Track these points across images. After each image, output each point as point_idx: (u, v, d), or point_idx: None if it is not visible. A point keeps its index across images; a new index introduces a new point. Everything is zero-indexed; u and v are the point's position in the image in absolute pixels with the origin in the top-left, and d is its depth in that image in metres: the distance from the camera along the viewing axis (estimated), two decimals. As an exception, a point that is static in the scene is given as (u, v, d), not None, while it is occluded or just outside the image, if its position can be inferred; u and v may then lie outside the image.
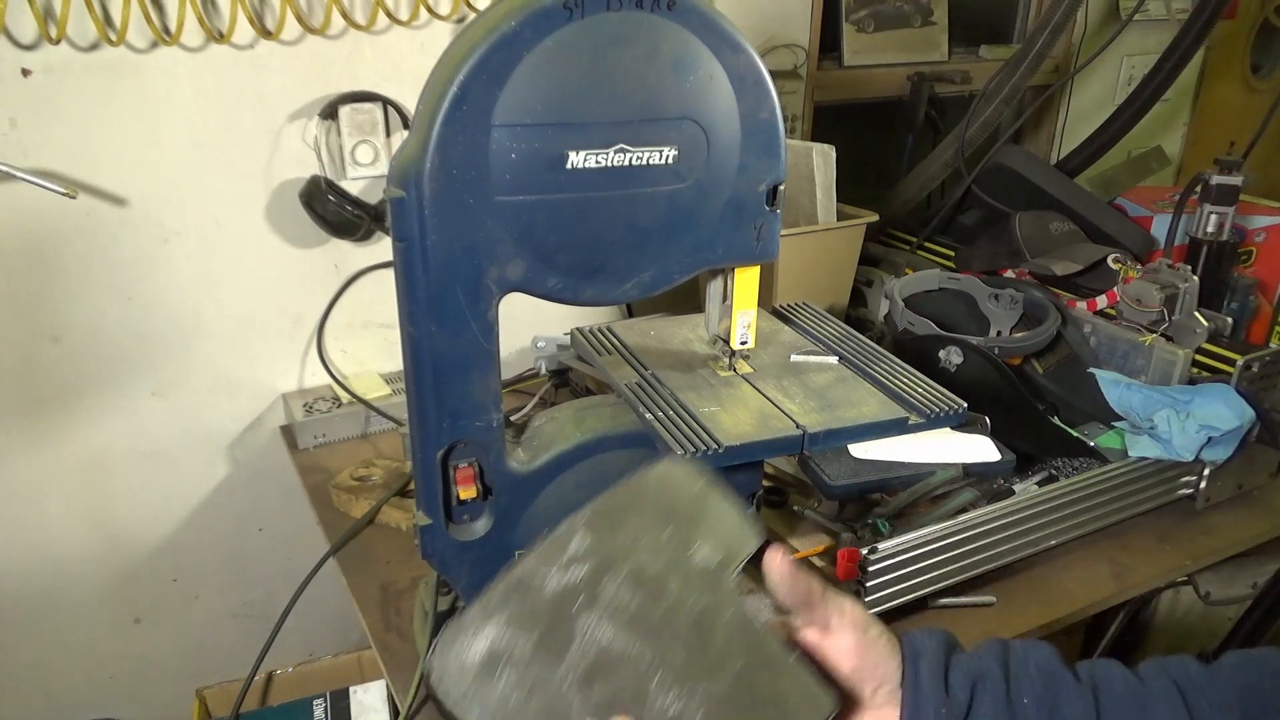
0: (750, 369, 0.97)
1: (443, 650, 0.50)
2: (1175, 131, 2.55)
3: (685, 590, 0.54)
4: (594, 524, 0.55)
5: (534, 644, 0.51)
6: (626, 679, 0.51)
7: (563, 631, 0.51)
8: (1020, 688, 0.56)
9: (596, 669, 0.51)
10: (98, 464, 1.43)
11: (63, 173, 1.27)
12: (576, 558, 0.53)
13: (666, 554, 0.55)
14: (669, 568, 0.54)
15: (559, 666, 0.51)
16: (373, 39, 1.40)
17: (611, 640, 0.52)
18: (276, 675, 1.36)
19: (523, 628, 0.51)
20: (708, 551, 0.55)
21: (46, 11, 1.18)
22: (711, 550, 0.55)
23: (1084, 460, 1.21)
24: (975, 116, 1.76)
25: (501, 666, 0.50)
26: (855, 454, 1.15)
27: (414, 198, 0.69)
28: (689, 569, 0.55)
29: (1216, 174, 1.52)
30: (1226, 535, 1.19)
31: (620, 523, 0.55)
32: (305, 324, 1.52)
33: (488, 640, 0.51)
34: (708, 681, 0.52)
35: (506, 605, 0.52)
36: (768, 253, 0.83)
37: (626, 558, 0.54)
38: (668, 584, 0.54)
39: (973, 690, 0.56)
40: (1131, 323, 1.38)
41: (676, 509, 0.56)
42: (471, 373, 0.76)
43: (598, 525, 0.55)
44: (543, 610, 0.52)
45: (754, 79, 0.75)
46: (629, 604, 0.53)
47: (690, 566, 0.55)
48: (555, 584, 0.53)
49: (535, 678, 0.50)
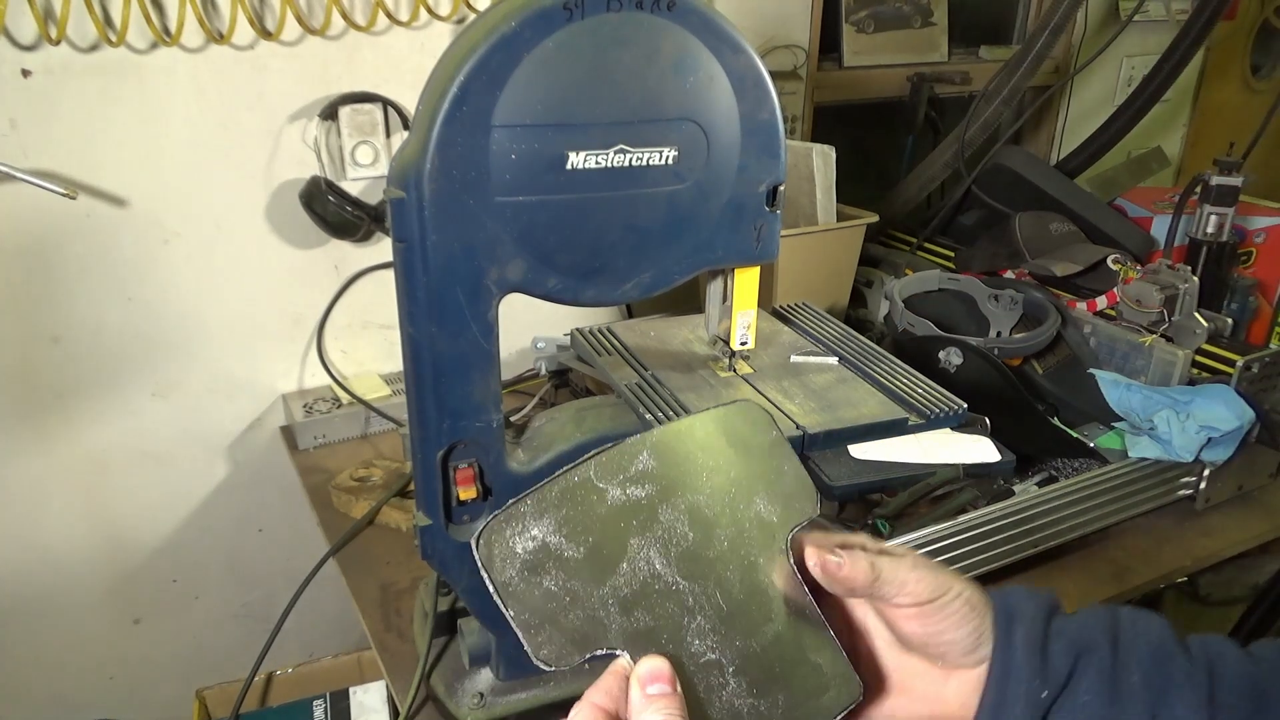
0: (750, 370, 0.97)
1: (496, 532, 0.49)
2: (1175, 132, 2.55)
3: (738, 540, 0.52)
4: (661, 449, 0.53)
5: (583, 554, 0.49)
6: (667, 615, 0.50)
7: (613, 549, 0.50)
8: (1129, 665, 0.52)
9: (640, 596, 0.49)
10: (98, 464, 1.43)
11: (63, 173, 1.27)
12: (639, 477, 0.52)
13: (726, 498, 0.53)
14: (726, 512, 0.53)
15: (604, 584, 0.49)
16: (373, 40, 1.40)
17: (660, 571, 0.50)
18: (276, 676, 1.36)
19: (575, 535, 0.50)
20: (767, 506, 0.54)
21: (46, 12, 1.18)
22: (770, 505, 0.54)
23: (1084, 461, 1.21)
24: (975, 117, 1.76)
25: (550, 567, 0.49)
26: (855, 454, 1.16)
27: (414, 198, 0.69)
28: (746, 518, 0.53)
29: (1216, 175, 1.52)
30: (1226, 536, 1.19)
31: (687, 454, 0.53)
32: (305, 324, 1.52)
33: (539, 537, 0.49)
34: (743, 637, 0.51)
35: (562, 506, 0.50)
36: (768, 253, 0.83)
37: (687, 490, 0.52)
38: (722, 528, 0.52)
39: (1075, 662, 0.51)
40: (1131, 323, 1.38)
41: (744, 455, 0.55)
42: (471, 373, 0.76)
43: (664, 451, 0.53)
44: (596, 522, 0.50)
45: (754, 80, 0.75)
46: (684, 538, 0.51)
47: (747, 516, 0.53)
48: (614, 498, 0.51)
49: (579, 589, 0.49)
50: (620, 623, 0.48)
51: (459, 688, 0.91)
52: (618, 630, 0.48)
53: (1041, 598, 0.54)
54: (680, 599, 0.50)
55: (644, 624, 0.49)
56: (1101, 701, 0.51)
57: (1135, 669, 0.52)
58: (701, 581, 0.51)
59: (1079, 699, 0.51)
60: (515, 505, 0.49)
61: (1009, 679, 0.51)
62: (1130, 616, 0.55)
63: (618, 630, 0.48)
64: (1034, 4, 2.25)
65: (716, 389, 0.93)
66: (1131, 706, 0.51)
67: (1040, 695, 0.51)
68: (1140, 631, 0.54)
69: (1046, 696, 0.51)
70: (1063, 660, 0.51)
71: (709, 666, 0.49)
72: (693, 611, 0.50)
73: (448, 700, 0.91)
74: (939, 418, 0.90)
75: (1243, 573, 1.51)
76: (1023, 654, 0.51)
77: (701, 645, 0.50)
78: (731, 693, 0.49)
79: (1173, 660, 0.52)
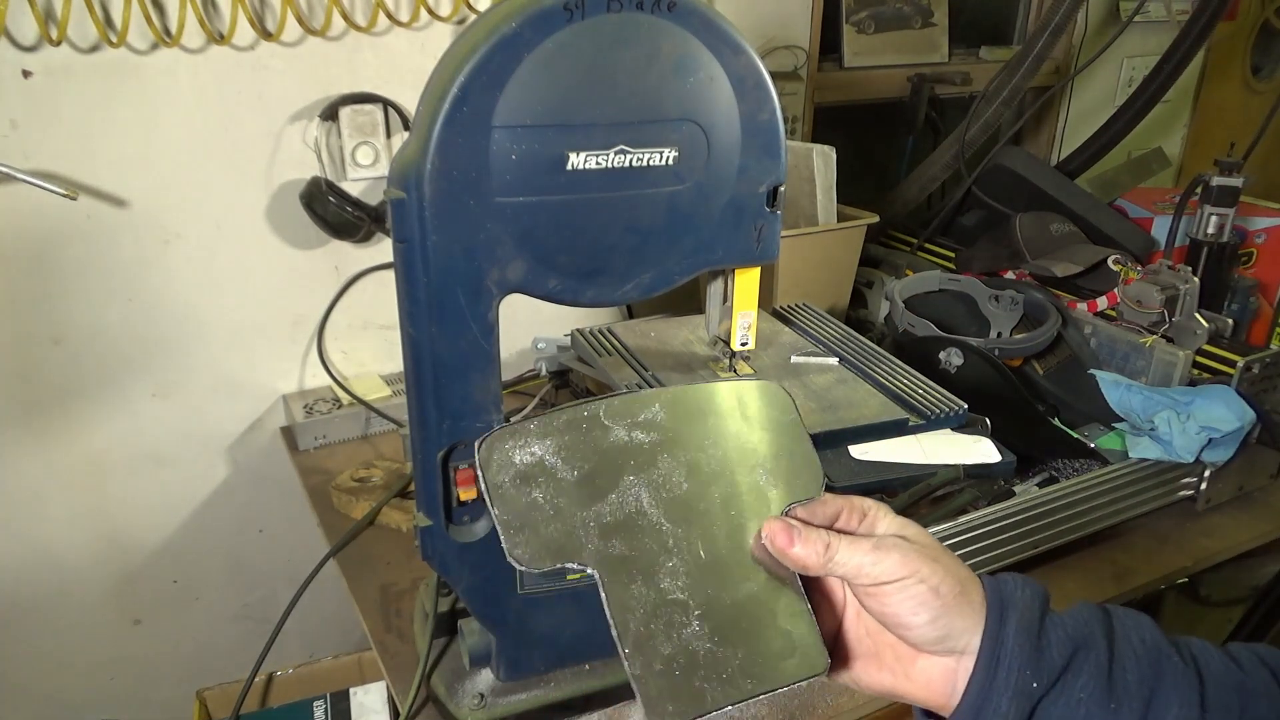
0: (751, 370, 0.97)
1: (498, 440, 0.51)
2: (1175, 133, 2.55)
3: (732, 500, 0.54)
4: (674, 405, 0.55)
5: (576, 478, 0.52)
6: (644, 549, 0.52)
7: (606, 480, 0.52)
8: (1125, 661, 0.51)
9: (621, 527, 0.52)
10: (98, 466, 1.43)
11: (63, 174, 1.27)
12: (646, 425, 0.54)
13: (730, 461, 0.55)
14: (726, 473, 0.55)
15: (589, 508, 0.52)
16: (373, 40, 1.40)
17: (647, 509, 0.53)
18: (277, 677, 1.36)
19: (572, 459, 0.52)
20: (769, 478, 0.55)
21: (47, 13, 1.18)
22: (773, 478, 0.55)
23: (1084, 461, 1.21)
24: (975, 118, 1.76)
25: (542, 481, 0.51)
26: (855, 455, 1.15)
27: (414, 199, 0.69)
28: (746, 484, 0.55)
29: (1217, 175, 1.52)
30: (1227, 537, 1.19)
31: (699, 415, 0.55)
32: (305, 325, 1.52)
33: (538, 454, 0.52)
34: (716, 588, 0.52)
35: (566, 433, 0.53)
36: (768, 254, 0.83)
37: (691, 447, 0.54)
38: (719, 486, 0.54)
39: (1072, 656, 0.51)
40: (1132, 324, 1.38)
41: (757, 428, 0.56)
42: (472, 374, 0.76)
43: (676, 407, 0.55)
44: (595, 453, 0.53)
45: (754, 80, 0.75)
46: (677, 486, 0.53)
47: (747, 482, 0.55)
48: (617, 437, 0.53)
49: (564, 506, 0.51)
50: (597, 544, 0.51)
51: (459, 688, 0.91)
52: (593, 550, 0.51)
53: (1037, 587, 0.54)
54: (661, 539, 0.52)
55: (619, 551, 0.51)
56: (1098, 699, 0.51)
57: (1131, 667, 0.52)
58: (685, 527, 0.53)
59: (1075, 695, 0.51)
60: (522, 423, 0.52)
61: (999, 666, 0.50)
62: (1123, 615, 0.55)
63: (593, 550, 0.51)
64: (1034, 5, 2.25)
65: (717, 390, 0.93)
66: (1127, 704, 0.51)
67: (1031, 686, 0.50)
68: (1133, 629, 0.54)
69: (1037, 688, 0.50)
70: (1059, 653, 0.51)
71: (674, 604, 0.51)
72: (670, 552, 0.52)
73: (448, 701, 0.91)
74: (939, 418, 0.90)
75: (1243, 573, 1.51)
76: (1015, 642, 0.51)
77: (671, 584, 0.52)
78: (692, 634, 0.51)
79: (1166, 659, 0.52)
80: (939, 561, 0.52)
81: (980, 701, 0.50)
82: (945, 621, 0.51)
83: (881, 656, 0.56)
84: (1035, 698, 0.50)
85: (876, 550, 0.51)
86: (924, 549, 0.52)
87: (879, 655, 0.56)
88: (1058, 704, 0.51)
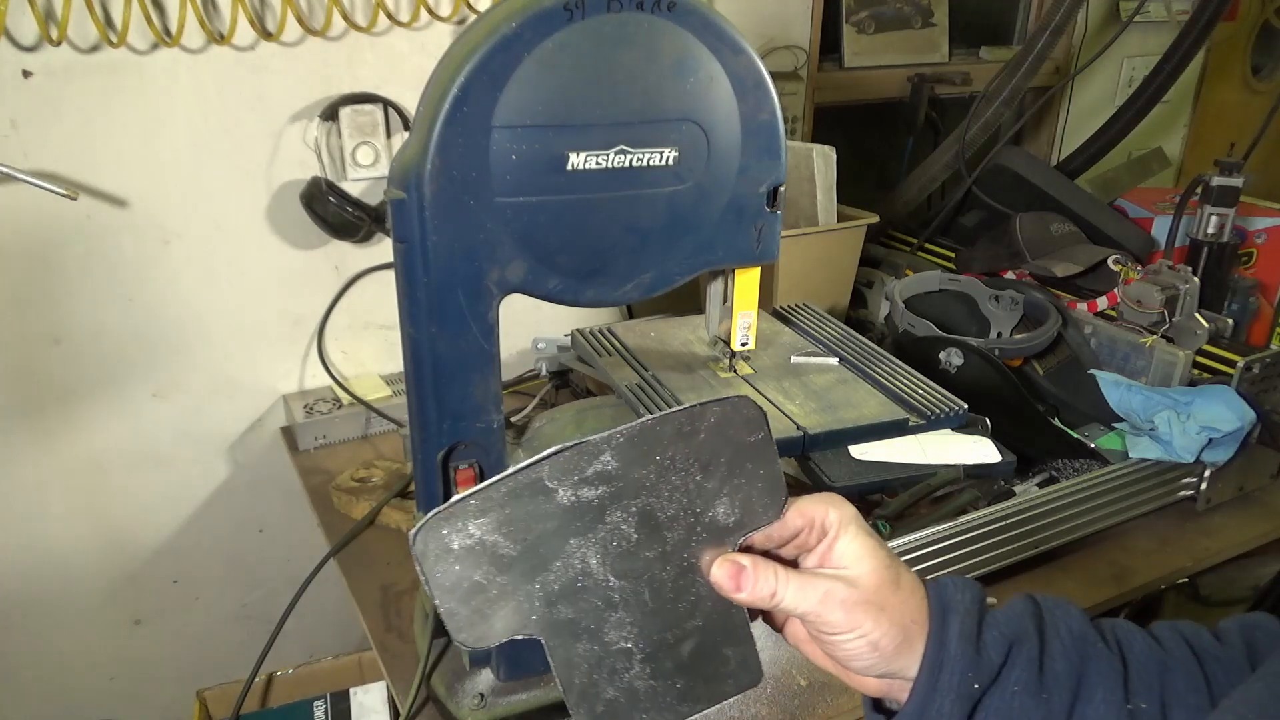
0: (751, 370, 0.97)
1: (433, 530, 0.49)
2: (1176, 133, 2.55)
3: (685, 540, 0.53)
4: (626, 448, 0.51)
5: (519, 552, 0.50)
6: (590, 608, 0.51)
7: (550, 549, 0.51)
8: (1053, 652, 0.53)
9: (567, 590, 0.51)
10: (98, 466, 1.43)
11: (63, 174, 1.27)
12: (595, 479, 0.51)
13: (685, 499, 0.53)
14: (681, 514, 0.53)
15: (534, 581, 0.50)
16: (373, 40, 1.40)
17: (594, 569, 0.51)
18: (277, 677, 1.36)
19: (513, 534, 0.50)
20: (727, 509, 0.53)
21: (47, 13, 1.18)
22: (731, 508, 0.53)
23: (1084, 461, 1.21)
24: (976, 118, 1.76)
25: (482, 563, 0.50)
26: (856, 455, 1.16)
27: (414, 199, 0.69)
28: (701, 522, 0.53)
29: (1217, 175, 1.52)
30: (1227, 537, 1.19)
31: (654, 452, 0.52)
32: (306, 325, 1.52)
33: (477, 535, 0.50)
34: (661, 631, 0.52)
35: (506, 505, 0.50)
36: (768, 254, 0.83)
37: (643, 492, 0.52)
38: (672, 530, 0.52)
39: (1008, 653, 0.52)
40: (1132, 324, 1.38)
41: (721, 451, 0.53)
42: (472, 374, 0.76)
43: (629, 450, 0.51)
44: (538, 523, 0.50)
45: (754, 80, 0.75)
46: (626, 539, 0.52)
47: (703, 520, 0.53)
48: (562, 500, 0.50)
49: (508, 584, 0.50)
50: (543, 614, 0.50)
51: (459, 688, 0.91)
52: (539, 620, 0.50)
53: (975, 589, 0.55)
54: (607, 595, 0.51)
55: (565, 616, 0.51)
56: (1029, 691, 0.52)
57: (1059, 656, 0.53)
58: (634, 580, 0.52)
59: (1009, 688, 0.52)
60: (460, 502, 0.49)
61: (942, 671, 0.51)
62: (1051, 606, 0.56)
63: (539, 620, 0.50)
64: (1034, 5, 2.25)
65: (717, 390, 0.93)
66: (1056, 694, 0.52)
67: (973, 687, 0.51)
68: (1061, 619, 0.55)
69: (978, 689, 0.52)
70: (996, 651, 0.52)
71: (619, 654, 0.51)
72: (616, 606, 0.51)
73: (448, 701, 0.91)
74: (939, 418, 0.90)
75: (1243, 573, 1.51)
76: (957, 646, 0.51)
77: (616, 635, 0.51)
78: (634, 675, 0.51)
79: (1092, 647, 0.54)
80: (885, 611, 0.51)
81: (924, 704, 0.51)
82: (883, 667, 0.52)
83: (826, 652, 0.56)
84: (976, 698, 0.52)
85: (822, 604, 0.51)
86: (870, 599, 0.51)
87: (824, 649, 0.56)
88: (994, 698, 0.52)
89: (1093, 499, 1.13)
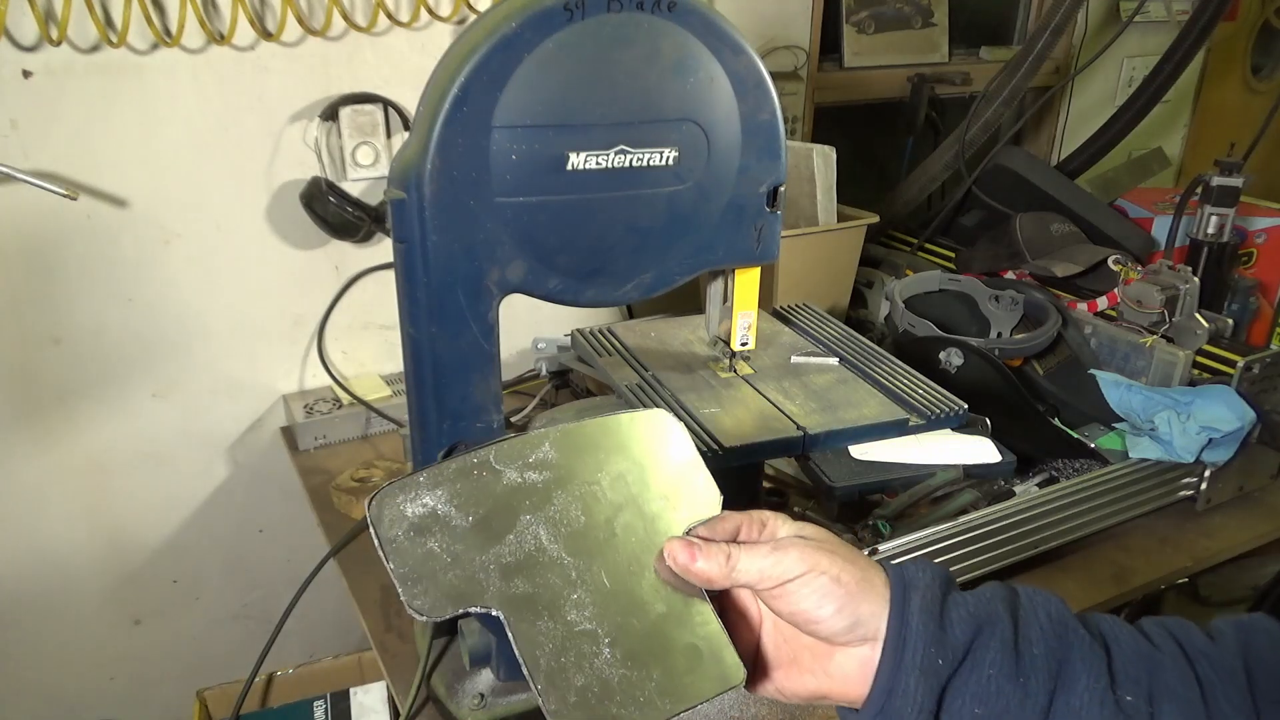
0: (751, 370, 0.97)
1: (389, 496, 0.52)
2: (1176, 133, 2.55)
3: (632, 527, 0.55)
4: (564, 443, 0.55)
5: (471, 523, 0.52)
6: (547, 585, 0.52)
7: (501, 522, 0.53)
8: (1030, 636, 0.53)
9: (522, 565, 0.52)
10: (98, 465, 1.43)
11: (63, 174, 1.27)
12: (537, 464, 0.54)
13: (626, 490, 0.56)
14: (622, 501, 0.55)
15: (487, 551, 0.52)
16: (373, 40, 1.40)
17: (546, 545, 0.53)
18: (277, 677, 1.36)
19: (465, 506, 0.53)
20: (667, 502, 0.56)
21: (47, 13, 1.18)
22: (671, 502, 0.56)
23: (1084, 462, 1.21)
24: (976, 118, 1.76)
25: (436, 531, 0.52)
26: (856, 455, 1.15)
27: (414, 199, 0.69)
28: (643, 509, 0.55)
29: (1217, 175, 1.52)
30: (1227, 537, 1.19)
31: (591, 451, 0.56)
32: (306, 325, 1.52)
33: (430, 505, 0.52)
34: (624, 615, 0.53)
35: (456, 481, 0.53)
36: (768, 254, 0.83)
37: (585, 481, 0.55)
38: (618, 516, 0.55)
39: (976, 633, 0.52)
40: (1132, 324, 1.38)
41: (652, 458, 0.57)
42: (472, 374, 0.76)
43: (567, 445, 0.55)
44: (488, 497, 0.53)
45: (754, 80, 0.75)
46: (574, 519, 0.54)
47: (645, 508, 0.56)
48: (509, 479, 0.54)
49: (462, 552, 0.52)
50: (499, 586, 0.52)
51: (459, 688, 0.91)
52: (495, 592, 0.51)
53: (937, 569, 0.55)
54: (564, 572, 0.53)
55: (522, 590, 0.52)
56: (1006, 675, 0.52)
57: (1038, 640, 0.53)
58: (587, 559, 0.54)
59: (984, 671, 0.52)
60: (411, 476, 0.52)
61: (905, 646, 0.51)
62: (1029, 594, 0.56)
63: (495, 592, 0.51)
64: (1034, 5, 2.25)
65: (717, 389, 0.93)
66: (1035, 679, 0.52)
67: (937, 663, 0.51)
68: (1040, 605, 0.55)
69: (943, 665, 0.51)
70: (962, 631, 0.52)
71: (583, 635, 0.52)
72: (574, 585, 0.53)
73: (448, 701, 0.91)
74: (939, 418, 0.90)
75: (1243, 573, 1.51)
76: (919, 621, 0.51)
77: (578, 615, 0.52)
78: (604, 662, 0.52)
79: (1074, 633, 0.54)
80: (837, 553, 0.53)
81: (890, 683, 0.51)
82: (851, 608, 0.52)
83: (800, 660, 0.56)
84: (943, 676, 0.51)
85: (775, 552, 0.52)
86: (821, 544, 0.53)
87: (798, 660, 0.57)
88: (969, 682, 0.52)
89: (1093, 499, 1.13)
